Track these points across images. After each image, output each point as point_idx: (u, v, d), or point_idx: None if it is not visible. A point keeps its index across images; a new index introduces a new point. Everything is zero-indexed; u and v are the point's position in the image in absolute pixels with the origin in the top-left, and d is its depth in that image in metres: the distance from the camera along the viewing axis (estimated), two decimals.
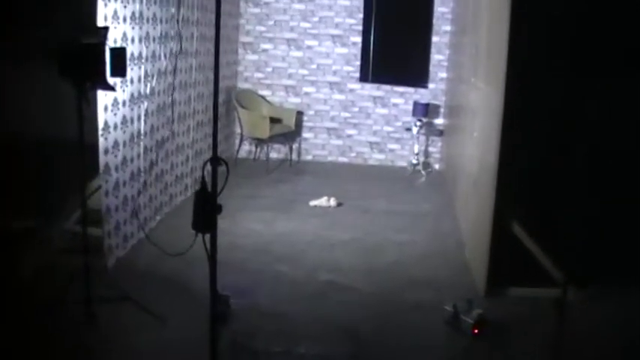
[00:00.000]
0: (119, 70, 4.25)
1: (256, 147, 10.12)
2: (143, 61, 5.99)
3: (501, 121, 4.86)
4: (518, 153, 4.85)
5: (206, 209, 2.99)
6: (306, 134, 10.34)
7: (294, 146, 10.28)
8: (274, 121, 9.48)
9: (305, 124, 10.31)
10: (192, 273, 5.27)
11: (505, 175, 4.89)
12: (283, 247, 6.33)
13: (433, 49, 10.05)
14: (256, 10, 10.07)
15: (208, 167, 3.18)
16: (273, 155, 10.18)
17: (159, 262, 5.59)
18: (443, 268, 6.00)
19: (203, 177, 3.11)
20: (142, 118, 6.05)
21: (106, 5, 5.10)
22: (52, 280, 4.95)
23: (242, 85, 10.17)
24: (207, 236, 3.15)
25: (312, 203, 7.75)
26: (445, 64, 10.00)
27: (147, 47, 6.04)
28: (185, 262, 5.10)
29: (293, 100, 10.26)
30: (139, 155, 6.02)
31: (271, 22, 10.11)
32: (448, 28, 9.91)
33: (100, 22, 4.99)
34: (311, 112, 10.29)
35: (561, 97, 4.93)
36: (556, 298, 3.98)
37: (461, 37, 8.60)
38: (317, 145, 10.37)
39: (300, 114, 10.17)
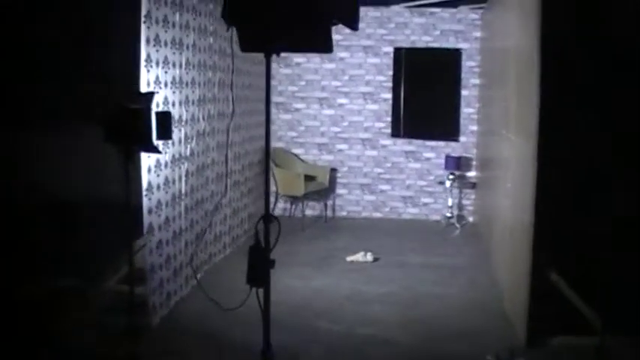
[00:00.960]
0: (164, 133, 4.42)
1: (291, 204, 10.27)
2: (183, 123, 6.19)
3: (536, 170, 4.94)
4: (554, 201, 4.92)
5: (260, 263, 3.10)
6: (340, 190, 10.48)
7: (329, 203, 10.40)
8: (308, 178, 9.64)
9: (339, 180, 10.46)
10: (236, 330, 5.37)
11: (541, 224, 4.95)
12: (321, 303, 6.40)
13: (463, 103, 10.21)
14: (288, 71, 10.34)
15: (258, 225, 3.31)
16: (308, 212, 10.31)
17: (203, 319, 5.70)
18: (481, 320, 6.02)
19: (257, 232, 3.24)
20: (183, 178, 6.23)
21: (148, 71, 5.34)
22: (99, 339, 5.07)
23: (276, 144, 10.38)
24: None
25: (349, 259, 7.83)
26: (475, 116, 10.14)
27: (187, 110, 6.26)
28: (230, 319, 5.22)
29: (326, 158, 10.43)
30: (180, 214, 6.18)
31: (303, 82, 10.37)
32: (477, 81, 10.08)
33: (144, 88, 5.22)
34: (344, 169, 10.45)
35: (595, 143, 5.00)
36: (596, 346, 3.99)
37: (490, 90, 8.74)
38: (351, 201, 10.50)
39: (333, 171, 10.33)
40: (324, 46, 3.21)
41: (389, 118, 10.33)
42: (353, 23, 3.23)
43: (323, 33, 3.15)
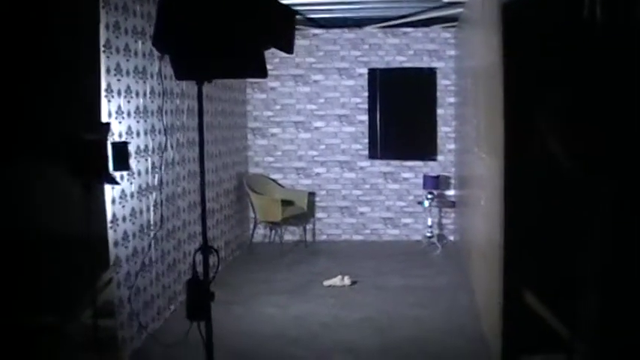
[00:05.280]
0: (122, 164, 4.34)
1: (271, 230, 10.16)
2: (150, 153, 6.10)
3: (504, 188, 4.88)
4: (523, 219, 4.84)
5: (199, 297, 3.01)
6: (319, 214, 10.39)
7: (308, 227, 10.30)
8: (286, 203, 9.54)
9: (318, 204, 10.37)
10: None
11: (510, 243, 4.87)
12: (298, 330, 6.28)
13: (439, 122, 10.16)
14: (262, 96, 10.27)
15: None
16: (288, 237, 10.21)
17: (174, 351, 5.56)
18: (460, 342, 5.91)
19: (194, 265, 3.15)
20: (152, 209, 6.12)
21: (109, 101, 5.25)
22: None
23: (253, 169, 10.30)
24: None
25: (326, 283, 7.72)
26: (452, 135, 10.09)
27: (153, 140, 6.17)
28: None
29: (304, 182, 10.35)
30: (150, 245, 6.07)
31: (278, 107, 10.30)
32: (452, 99, 10.04)
33: (104, 118, 5.13)
34: (323, 193, 10.37)
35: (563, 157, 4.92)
36: None
37: (464, 108, 8.70)
38: (331, 224, 10.41)
39: (312, 195, 10.24)
40: (258, 71, 3.13)
41: (366, 140, 10.27)
42: (288, 47, 3.15)
43: (256, 58, 3.07)
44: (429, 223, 9.76)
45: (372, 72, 10.22)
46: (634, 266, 4.52)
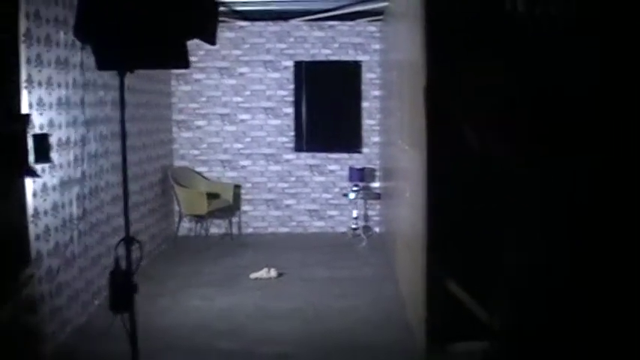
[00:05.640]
0: (43, 156, 4.25)
1: (196, 223, 10.08)
2: (72, 145, 5.98)
3: (425, 180, 4.98)
4: (445, 209, 4.95)
5: (122, 289, 2.99)
6: (245, 207, 10.37)
7: (234, 220, 10.27)
8: (212, 196, 9.49)
9: (243, 197, 10.34)
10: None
11: (435, 233, 4.98)
12: (223, 323, 6.27)
13: (364, 114, 10.27)
14: (187, 88, 10.18)
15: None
16: (214, 230, 10.16)
17: (98, 344, 5.48)
18: (385, 332, 6.01)
19: (116, 257, 3.12)
20: (74, 202, 6.01)
21: (30, 93, 5.12)
22: None
23: (178, 162, 10.20)
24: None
25: (253, 276, 7.73)
26: (377, 128, 10.21)
27: (75, 132, 6.05)
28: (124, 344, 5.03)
29: (230, 175, 10.31)
30: (72, 239, 5.96)
31: (204, 99, 10.22)
32: (377, 93, 10.16)
33: (24, 110, 5.00)
34: (248, 185, 10.35)
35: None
36: (484, 351, 4.02)
37: (389, 102, 8.82)
38: (257, 217, 10.40)
39: (237, 187, 10.21)
40: (180, 61, 3.13)
41: (292, 133, 10.30)
42: (211, 38, 3.16)
43: (178, 48, 3.07)
44: (355, 215, 9.88)
45: (298, 65, 10.25)
46: (557, 260, 4.68)
